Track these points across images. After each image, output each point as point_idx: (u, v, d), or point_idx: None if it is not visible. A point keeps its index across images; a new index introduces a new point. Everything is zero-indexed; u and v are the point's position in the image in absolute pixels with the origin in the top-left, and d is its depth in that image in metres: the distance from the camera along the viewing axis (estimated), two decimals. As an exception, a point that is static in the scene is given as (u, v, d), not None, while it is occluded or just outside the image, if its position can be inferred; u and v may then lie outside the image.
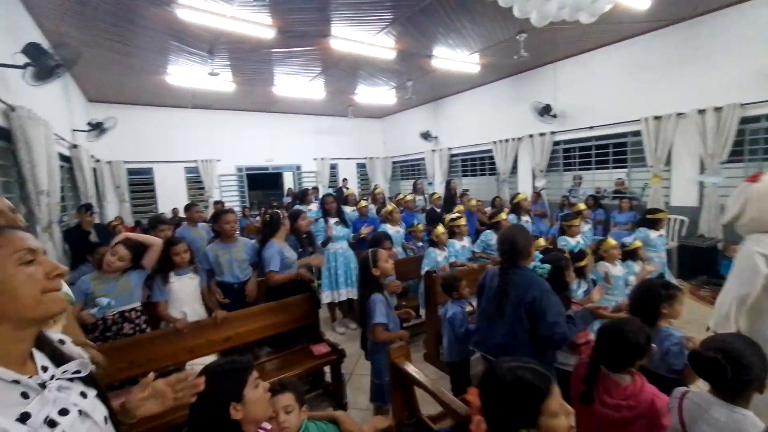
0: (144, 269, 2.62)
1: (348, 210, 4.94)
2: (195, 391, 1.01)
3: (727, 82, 5.19)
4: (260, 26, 4.81)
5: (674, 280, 4.23)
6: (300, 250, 3.46)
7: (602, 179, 7.23)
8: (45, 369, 0.75)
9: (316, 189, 8.86)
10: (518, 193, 5.26)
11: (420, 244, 4.71)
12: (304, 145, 11.31)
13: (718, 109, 5.22)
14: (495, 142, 8.66)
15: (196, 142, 9.64)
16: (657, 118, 5.87)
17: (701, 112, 5.38)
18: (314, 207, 5.35)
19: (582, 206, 5.14)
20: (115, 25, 4.74)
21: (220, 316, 2.72)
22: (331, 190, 9.74)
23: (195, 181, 9.88)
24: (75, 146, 5.85)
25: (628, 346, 1.43)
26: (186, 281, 2.90)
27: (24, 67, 3.18)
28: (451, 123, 10.11)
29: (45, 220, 3.62)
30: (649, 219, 3.94)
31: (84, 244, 4.04)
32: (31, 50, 3.14)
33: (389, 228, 4.54)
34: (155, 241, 2.65)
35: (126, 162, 8.72)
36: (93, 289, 2.41)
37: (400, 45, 5.95)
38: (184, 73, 6.59)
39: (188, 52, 5.76)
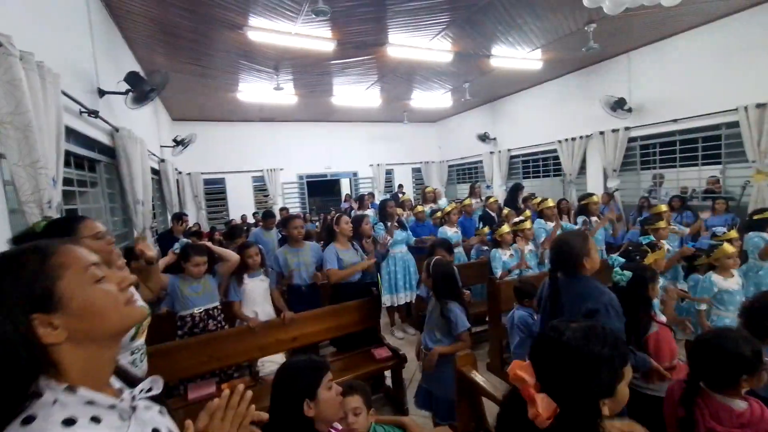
0: (218, 275, 2.86)
1: (404, 215, 4.95)
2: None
3: None
4: (321, 40, 5.04)
5: None
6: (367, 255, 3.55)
7: (689, 177, 6.44)
8: (121, 391, 0.74)
9: (372, 195, 9.02)
10: (591, 194, 4.78)
11: (485, 248, 4.56)
12: (360, 152, 11.59)
13: (842, 91, 4.40)
14: (560, 141, 8.13)
15: (262, 152, 10.33)
16: (760, 105, 5.09)
17: (819, 95, 4.57)
18: (371, 212, 5.44)
19: (663, 207, 4.61)
20: (195, 50, 5.27)
21: (288, 316, 2.86)
22: (387, 196, 9.85)
23: (260, 189, 10.59)
24: (163, 161, 6.58)
25: (727, 357, 1.24)
26: (257, 282, 3.10)
27: (125, 93, 3.66)
28: (511, 123, 9.71)
29: (140, 226, 4.11)
30: (757, 220, 3.40)
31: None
32: (132, 78, 3.61)
33: (447, 230, 4.47)
34: (233, 257, 2.87)
35: (202, 173, 9.61)
36: (180, 289, 2.67)
37: (457, 47, 5.86)
38: (252, 89, 7.12)
39: (256, 70, 6.22)
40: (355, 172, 11.75)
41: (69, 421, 0.59)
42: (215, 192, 10.17)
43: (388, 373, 3.08)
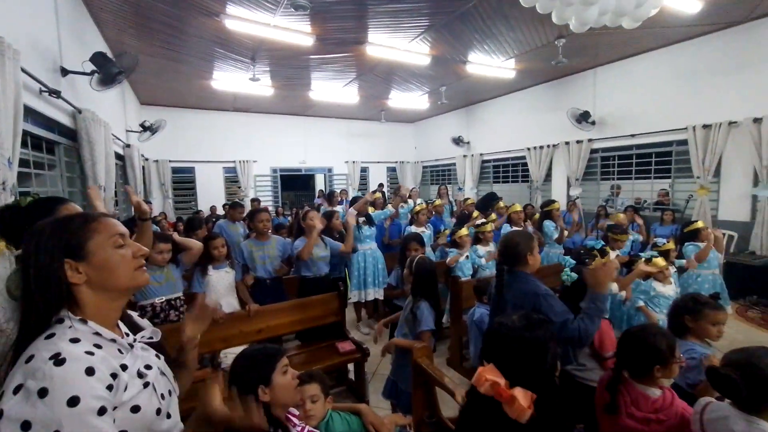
0: (182, 264, 2.82)
1: (374, 212, 5.02)
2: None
3: (786, 89, 4.85)
4: (300, 34, 5.03)
5: (728, 302, 3.94)
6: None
7: (643, 189, 6.91)
8: (126, 335, 0.93)
9: (344, 191, 9.05)
10: (554, 201, 4.98)
11: (448, 249, 4.72)
12: (336, 148, 11.57)
13: (775, 118, 4.88)
14: (529, 149, 8.48)
15: (235, 143, 10.11)
16: (706, 126, 5.55)
17: (757, 120, 5.04)
18: (341, 208, 5.48)
19: (622, 216, 4.95)
20: (169, 35, 5.11)
21: (253, 309, 2.87)
22: (360, 193, 9.90)
23: (232, 181, 10.36)
24: (128, 146, 6.33)
25: (646, 349, 1.41)
26: (222, 274, 3.09)
27: (91, 74, 3.52)
28: (484, 128, 10.00)
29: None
30: (687, 232, 3.75)
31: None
32: (98, 59, 3.47)
33: (415, 229, 4.58)
34: (196, 245, 2.85)
35: (171, 161, 9.30)
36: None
37: (435, 51, 6.00)
38: (227, 78, 6.97)
39: (232, 59, 6.10)
40: (330, 168, 11.72)
41: (75, 340, 0.77)
42: (184, 181, 9.85)
43: (351, 367, 3.16)
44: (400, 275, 3.08)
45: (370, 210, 4.65)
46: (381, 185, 10.91)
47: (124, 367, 0.82)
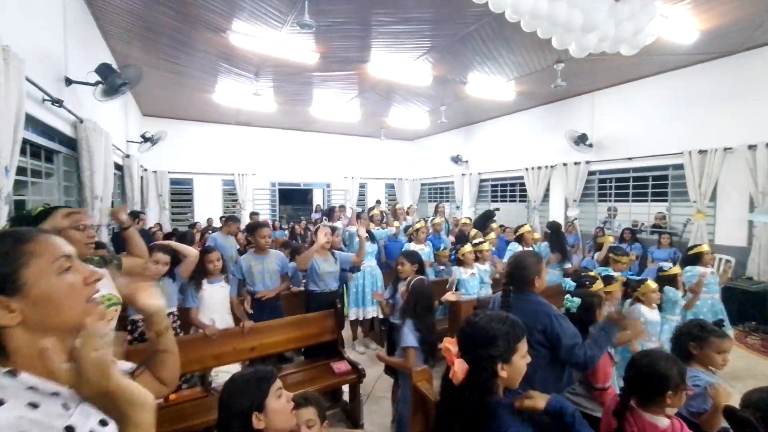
0: (178, 278, 2.77)
1: (374, 229, 5.00)
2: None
3: (779, 117, 4.94)
4: (305, 51, 5.11)
5: (730, 328, 3.87)
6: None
7: (640, 212, 6.94)
8: None
9: (343, 207, 9.04)
10: (523, 225, 4.84)
11: (442, 267, 4.68)
12: (335, 164, 11.62)
13: (769, 146, 4.96)
14: (527, 169, 8.55)
15: (234, 156, 10.14)
16: (702, 152, 5.63)
17: (751, 147, 5.12)
18: (340, 224, 5.45)
19: (610, 239, 4.94)
20: (175, 48, 5.18)
21: (248, 325, 2.80)
22: (359, 209, 9.89)
23: (230, 194, 10.33)
24: (128, 156, 6.32)
25: (657, 375, 1.37)
26: (217, 289, 3.02)
27: (95, 84, 3.54)
28: (482, 148, 10.11)
29: (96, 223, 3.91)
30: (691, 255, 3.73)
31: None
32: (103, 70, 3.49)
33: (414, 246, 4.55)
34: (192, 253, 2.79)
35: (170, 172, 9.28)
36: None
37: (436, 71, 6.10)
38: (230, 92, 7.04)
39: (236, 74, 6.17)
40: (328, 183, 11.74)
41: None
42: (182, 192, 9.81)
43: (346, 388, 3.06)
44: (392, 292, 3.05)
45: (372, 227, 4.63)
46: (378, 201, 10.92)
47: (70, 430, 0.63)
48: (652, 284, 2.76)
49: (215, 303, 2.98)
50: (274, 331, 2.92)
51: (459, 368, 1.15)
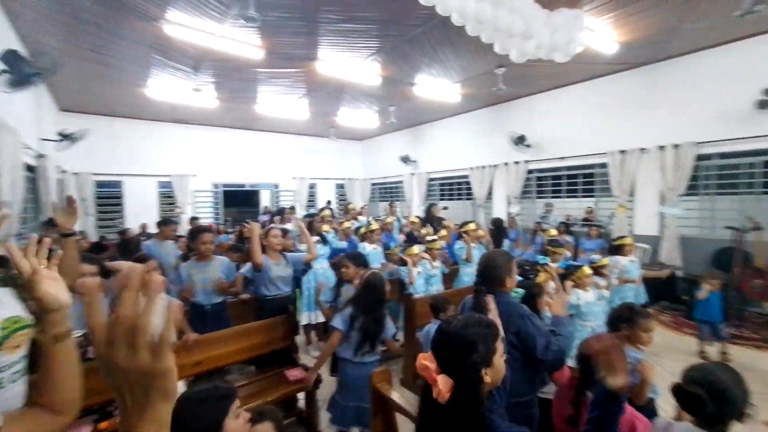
0: (111, 293, 2.49)
1: (329, 233, 4.91)
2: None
3: (684, 122, 5.65)
4: (249, 47, 4.87)
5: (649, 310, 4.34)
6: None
7: (572, 207, 7.57)
8: None
9: (293, 208, 8.79)
10: (469, 222, 5.01)
11: (395, 267, 4.71)
12: (283, 164, 11.26)
13: (676, 146, 5.66)
14: (472, 168, 8.94)
15: (171, 156, 9.41)
16: (622, 152, 6.27)
17: (661, 148, 5.81)
18: (291, 225, 5.29)
19: (554, 232, 5.36)
20: (98, 37, 4.66)
21: (192, 338, 2.60)
22: (311, 211, 9.68)
23: (167, 196, 9.58)
24: (41, 156, 5.58)
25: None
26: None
27: (0, 73, 3.07)
28: (430, 148, 10.39)
29: (2, 233, 3.40)
30: (616, 245, 4.16)
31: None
32: (9, 57, 3.04)
33: (367, 246, 4.54)
34: (128, 267, 2.53)
35: (95, 174, 8.36)
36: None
37: (385, 72, 6.15)
38: (165, 87, 6.51)
39: (172, 67, 5.72)
40: (276, 183, 11.35)
41: None
42: (109, 197, 8.88)
43: (301, 395, 2.97)
44: (335, 295, 3.02)
45: (324, 229, 4.54)
46: (329, 202, 10.78)
47: None
48: (587, 270, 3.02)
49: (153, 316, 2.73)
50: (221, 342, 2.75)
51: (444, 385, 1.03)
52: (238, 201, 11.98)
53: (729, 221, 5.14)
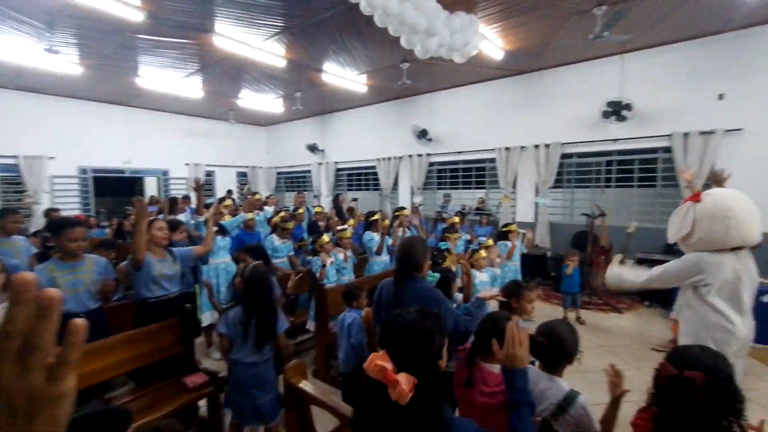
0: None
1: (227, 220, 4.55)
2: None
3: (553, 125, 6.68)
4: (125, 6, 4.13)
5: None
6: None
7: (467, 198, 8.37)
8: None
9: (187, 198, 7.88)
10: (403, 207, 5.47)
11: (309, 258, 4.62)
12: (173, 148, 9.98)
13: (547, 146, 6.66)
14: (379, 160, 9.19)
15: (17, 132, 7.56)
16: (507, 149, 7.14)
17: (537, 147, 6.77)
18: (184, 216, 4.79)
19: (456, 219, 5.86)
20: None
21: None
22: (209, 201, 8.78)
23: (13, 182, 7.70)
24: None
25: (497, 332, 1.69)
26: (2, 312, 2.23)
27: None
28: (339, 138, 10.34)
29: None
30: (502, 232, 4.76)
31: None
32: None
33: (275, 239, 4.35)
34: None
35: None
36: None
37: (291, 54, 5.87)
38: (5, 44, 5.15)
39: (16, 20, 4.54)
40: (165, 170, 10.02)
41: None
42: None
43: (203, 402, 2.73)
44: (232, 293, 2.79)
45: (227, 219, 4.18)
46: (230, 191, 9.95)
47: None
48: (483, 253, 3.39)
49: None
50: (102, 354, 2.35)
51: (407, 384, 0.95)
52: (116, 190, 10.24)
53: (584, 209, 6.28)
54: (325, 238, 3.94)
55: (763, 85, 4.95)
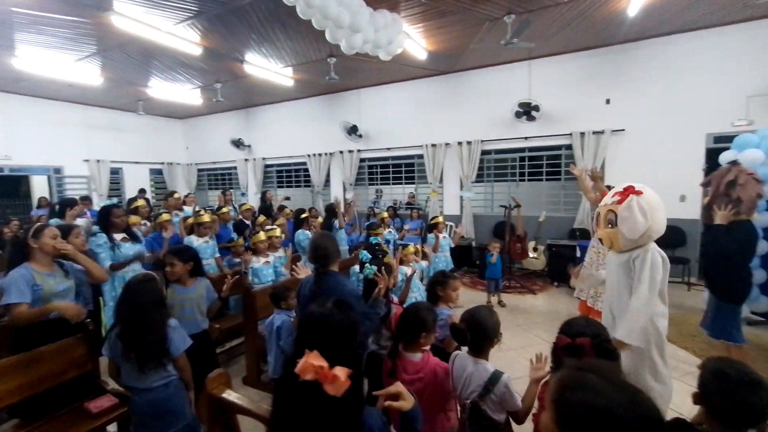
0: None
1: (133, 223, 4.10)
2: None
3: (473, 123, 7.13)
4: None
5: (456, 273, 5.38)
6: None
7: (397, 193, 8.59)
8: None
9: (87, 198, 6.92)
10: (309, 209, 5.45)
11: (237, 260, 4.35)
12: (68, 142, 8.69)
13: (469, 143, 7.10)
14: (309, 156, 8.99)
15: None
16: (433, 145, 7.46)
17: (459, 143, 7.18)
18: (82, 221, 4.23)
19: (385, 214, 5.99)
20: None
21: None
22: (115, 200, 7.80)
23: None
24: None
25: (417, 321, 1.78)
26: None
27: None
28: (266, 133, 9.88)
29: None
30: (430, 225, 4.98)
31: None
32: None
33: (194, 240, 4.04)
34: None
35: None
36: None
37: (207, 42, 5.44)
38: None
39: None
40: (58, 167, 8.67)
41: None
42: None
43: (113, 428, 2.44)
44: None
45: (134, 222, 3.76)
46: (143, 191, 8.97)
47: None
48: (411, 248, 3.50)
49: None
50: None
51: (344, 376, 0.96)
52: (-10, 191, 8.65)
53: (502, 202, 6.83)
54: (261, 236, 3.78)
55: (641, 91, 5.83)
